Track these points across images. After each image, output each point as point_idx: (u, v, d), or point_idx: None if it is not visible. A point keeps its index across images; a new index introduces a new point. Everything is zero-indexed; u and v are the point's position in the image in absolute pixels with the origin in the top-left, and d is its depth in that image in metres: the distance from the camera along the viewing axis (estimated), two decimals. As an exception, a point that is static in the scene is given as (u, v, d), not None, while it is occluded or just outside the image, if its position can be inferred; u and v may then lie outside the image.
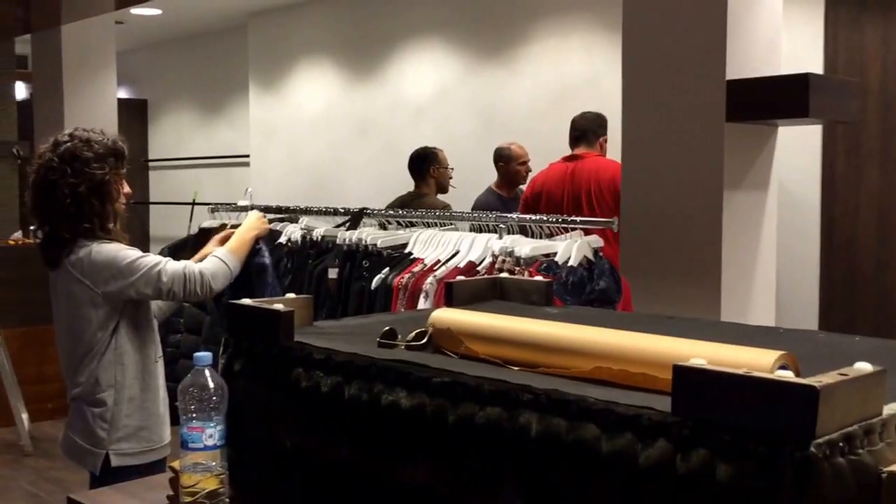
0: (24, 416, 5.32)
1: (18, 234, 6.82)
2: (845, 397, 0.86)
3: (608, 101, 4.62)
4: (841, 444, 0.84)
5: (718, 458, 0.87)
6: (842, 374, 0.87)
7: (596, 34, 6.03)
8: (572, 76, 6.18)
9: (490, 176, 5.59)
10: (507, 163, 5.41)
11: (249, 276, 2.91)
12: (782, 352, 1.02)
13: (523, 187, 5.28)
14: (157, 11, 8.11)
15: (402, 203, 5.06)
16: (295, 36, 8.11)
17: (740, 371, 0.88)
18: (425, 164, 5.33)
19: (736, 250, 2.97)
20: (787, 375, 0.87)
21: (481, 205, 5.22)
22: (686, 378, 0.92)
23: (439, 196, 5.34)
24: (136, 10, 7.78)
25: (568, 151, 4.71)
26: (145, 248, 2.84)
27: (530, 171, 5.46)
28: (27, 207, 2.64)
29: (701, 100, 2.92)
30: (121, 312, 2.54)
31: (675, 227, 2.98)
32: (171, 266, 2.56)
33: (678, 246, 2.99)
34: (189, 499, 1.42)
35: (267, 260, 3.00)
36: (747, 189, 3.02)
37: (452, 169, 5.46)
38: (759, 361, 0.98)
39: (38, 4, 6.25)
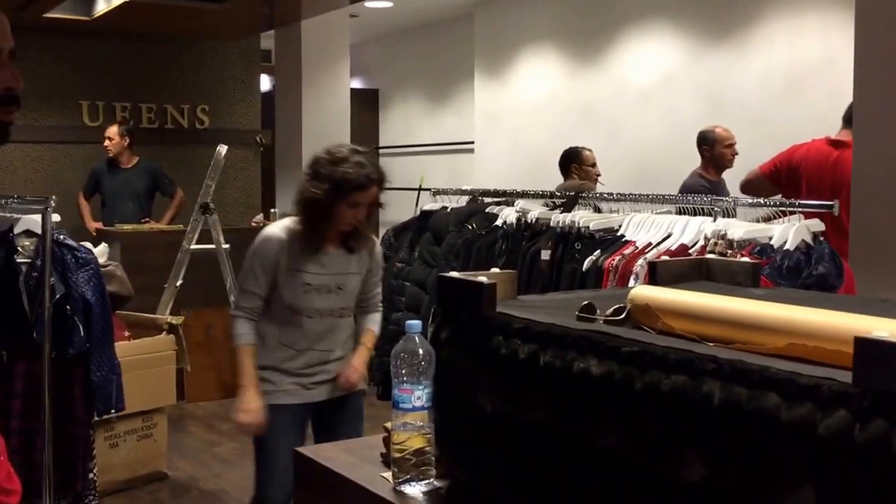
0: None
1: (261, 217, 7.32)
2: None
3: (847, 83, 4.38)
4: None
5: (897, 430, 0.88)
6: None
7: (832, 12, 5.75)
8: (807, 58, 5.91)
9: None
10: (712, 146, 5.35)
11: None
12: None
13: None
14: (388, 4, 8.45)
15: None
16: (519, 23, 8.22)
17: (921, 343, 0.88)
18: (568, 163, 5.67)
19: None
20: (970, 349, 0.86)
21: (688, 188, 5.15)
22: (867, 349, 0.92)
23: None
24: (369, 4, 8.14)
25: (805, 137, 4.49)
26: (375, 231, 3.12)
27: (736, 153, 5.36)
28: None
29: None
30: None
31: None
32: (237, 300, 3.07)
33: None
34: (398, 455, 1.54)
35: None
36: None
37: (596, 170, 5.73)
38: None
39: (280, 1, 6.68)
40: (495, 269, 1.64)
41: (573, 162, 5.65)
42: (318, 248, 2.97)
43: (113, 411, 3.77)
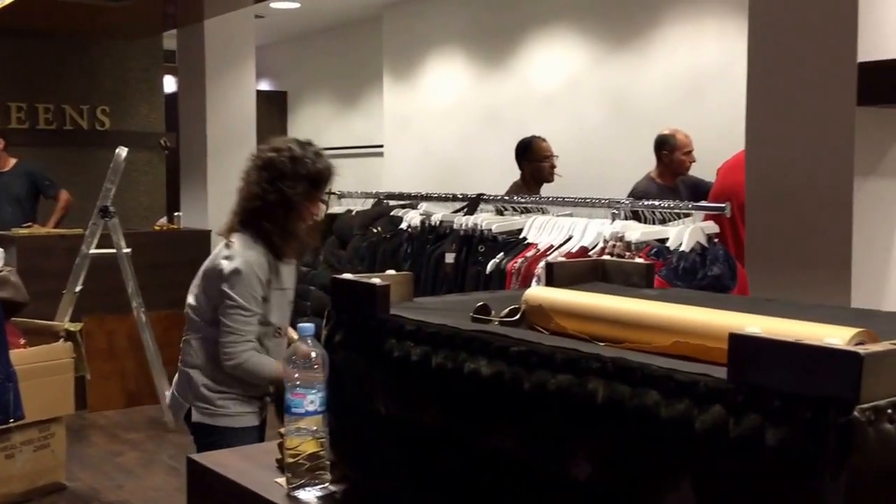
0: (167, 393, 5.63)
1: (164, 220, 7.19)
2: (896, 366, 0.87)
3: (745, 88, 4.49)
4: (889, 410, 0.86)
5: (769, 423, 0.90)
6: (894, 344, 0.88)
7: (730, 18, 5.90)
8: (706, 63, 6.05)
9: (622, 164, 5.54)
10: (672, 152, 5.17)
11: None
12: (859, 329, 1.01)
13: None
14: (295, 5, 8.38)
15: (507, 193, 5.02)
16: (427, 27, 8.25)
17: (790, 338, 0.90)
18: (519, 156, 5.38)
19: (868, 239, 2.86)
20: (835, 343, 0.89)
21: (640, 194, 4.96)
22: (740, 345, 0.94)
23: (545, 186, 5.29)
24: (275, 4, 8.06)
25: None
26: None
27: (694, 160, 5.21)
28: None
29: (830, 83, 2.83)
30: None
31: (804, 216, 2.90)
32: (239, 330, 2.70)
33: (806, 235, 2.90)
34: (291, 460, 1.52)
35: None
36: (881, 176, 2.90)
37: (556, 157, 5.38)
38: (821, 334, 0.99)
39: (183, 0, 6.57)
40: (391, 272, 1.63)
41: (524, 159, 5.34)
42: (283, 258, 2.80)
43: (11, 420, 3.66)
